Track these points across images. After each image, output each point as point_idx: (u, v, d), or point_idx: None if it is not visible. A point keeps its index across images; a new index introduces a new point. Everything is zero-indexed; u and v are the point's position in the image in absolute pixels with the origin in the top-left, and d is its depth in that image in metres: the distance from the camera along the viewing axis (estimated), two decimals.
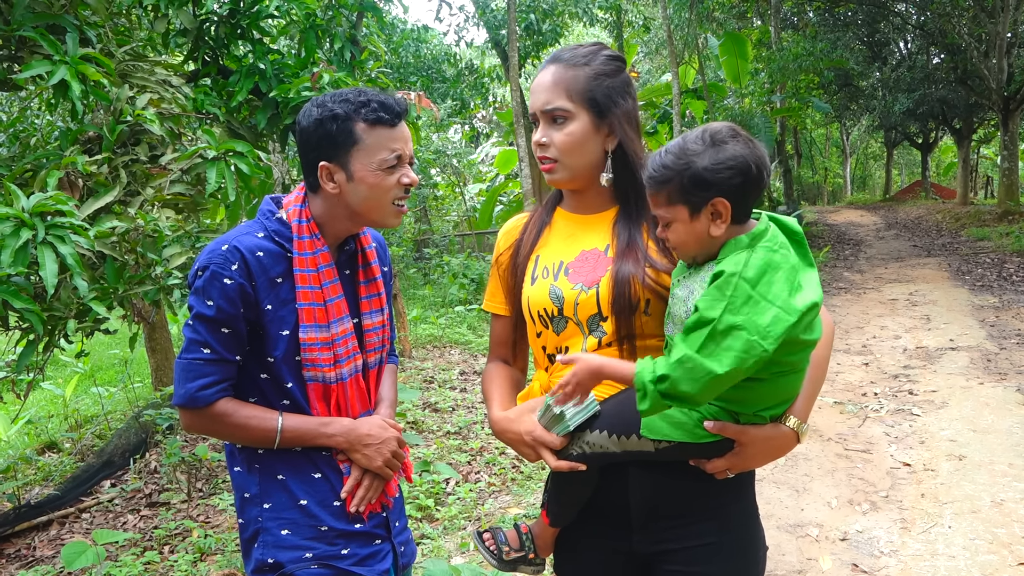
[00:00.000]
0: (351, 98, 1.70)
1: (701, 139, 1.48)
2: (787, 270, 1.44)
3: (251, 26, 4.76)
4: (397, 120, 1.73)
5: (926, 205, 25.01)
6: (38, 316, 2.81)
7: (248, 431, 1.71)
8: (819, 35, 18.47)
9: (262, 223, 1.77)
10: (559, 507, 1.76)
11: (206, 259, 1.68)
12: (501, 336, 1.94)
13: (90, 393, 7.78)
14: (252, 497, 1.77)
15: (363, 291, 1.88)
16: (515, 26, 13.12)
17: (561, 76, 1.68)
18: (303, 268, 1.73)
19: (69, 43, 3.39)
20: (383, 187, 1.73)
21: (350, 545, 1.78)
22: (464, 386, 7.10)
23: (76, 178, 3.39)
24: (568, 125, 1.68)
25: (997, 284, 10.76)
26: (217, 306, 1.66)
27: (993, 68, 16.95)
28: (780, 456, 1.65)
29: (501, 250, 1.92)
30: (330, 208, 1.77)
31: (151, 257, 3.36)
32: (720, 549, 1.68)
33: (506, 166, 20.61)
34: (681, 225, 1.52)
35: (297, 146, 1.76)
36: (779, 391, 1.54)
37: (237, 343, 1.70)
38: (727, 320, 1.38)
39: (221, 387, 1.69)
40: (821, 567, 3.68)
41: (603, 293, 1.67)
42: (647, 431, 1.57)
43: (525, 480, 4.83)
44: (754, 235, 1.47)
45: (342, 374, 1.78)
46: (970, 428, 5.32)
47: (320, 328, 1.73)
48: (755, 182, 1.48)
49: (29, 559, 4.19)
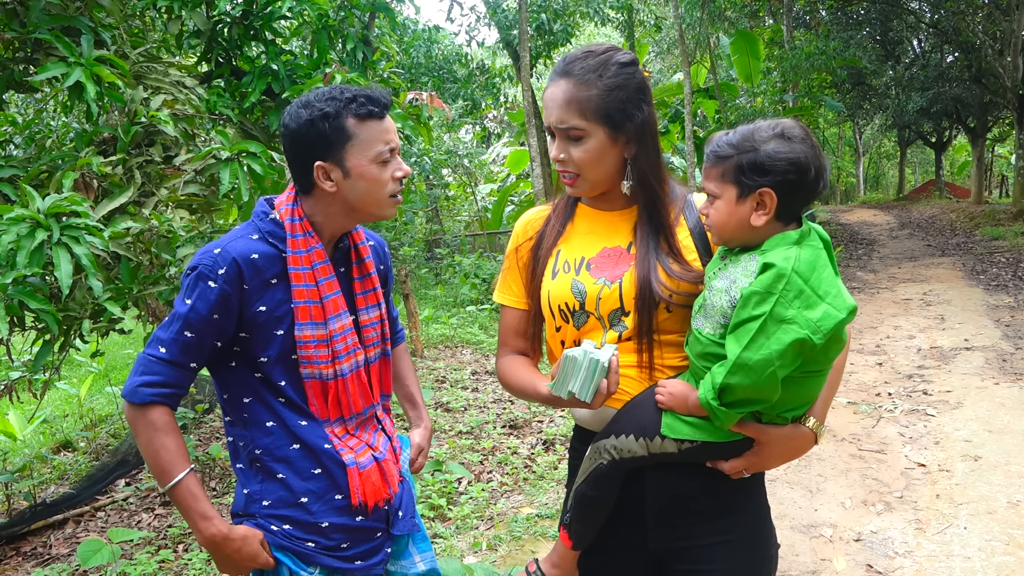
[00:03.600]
0: (337, 95, 1.70)
1: (772, 129, 1.50)
2: (833, 269, 1.48)
3: (264, 27, 4.79)
4: (385, 112, 1.73)
5: (940, 204, 24.84)
6: (53, 316, 2.84)
7: (155, 456, 1.68)
8: (832, 33, 18.37)
9: (256, 224, 1.77)
10: (584, 526, 1.72)
11: (196, 260, 1.70)
12: (518, 328, 1.90)
13: (105, 392, 7.83)
14: (252, 494, 1.80)
15: (358, 287, 1.89)
16: (526, 26, 13.13)
17: (573, 95, 1.63)
18: (297, 266, 1.73)
19: (84, 45, 3.42)
20: (380, 181, 1.73)
21: (349, 539, 1.81)
22: (476, 386, 7.11)
23: (91, 179, 3.42)
24: (585, 143, 1.66)
25: (1012, 284, 10.68)
26: (193, 306, 1.67)
27: (1008, 66, 16.82)
28: (797, 457, 1.67)
29: (520, 241, 1.89)
30: (326, 207, 1.77)
31: (165, 257, 3.38)
32: (732, 547, 1.69)
33: (517, 166, 20.61)
34: (725, 205, 1.53)
35: (285, 150, 1.75)
36: (805, 392, 1.55)
37: (197, 350, 1.70)
38: (779, 314, 1.40)
39: (161, 392, 1.68)
40: (835, 568, 3.66)
41: (627, 288, 1.67)
42: (669, 431, 1.58)
43: (537, 480, 4.83)
44: (802, 233, 1.50)
45: (342, 370, 1.78)
46: (985, 428, 5.28)
47: (316, 325, 1.74)
48: (809, 185, 1.50)
49: (45, 557, 4.23)
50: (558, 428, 5.69)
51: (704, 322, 1.56)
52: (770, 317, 1.41)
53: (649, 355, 1.67)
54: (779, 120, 1.53)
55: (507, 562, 3.79)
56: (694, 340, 1.59)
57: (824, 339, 1.41)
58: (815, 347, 1.41)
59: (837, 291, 1.44)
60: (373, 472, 1.82)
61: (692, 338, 1.60)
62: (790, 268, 1.42)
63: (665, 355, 1.68)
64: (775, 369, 1.41)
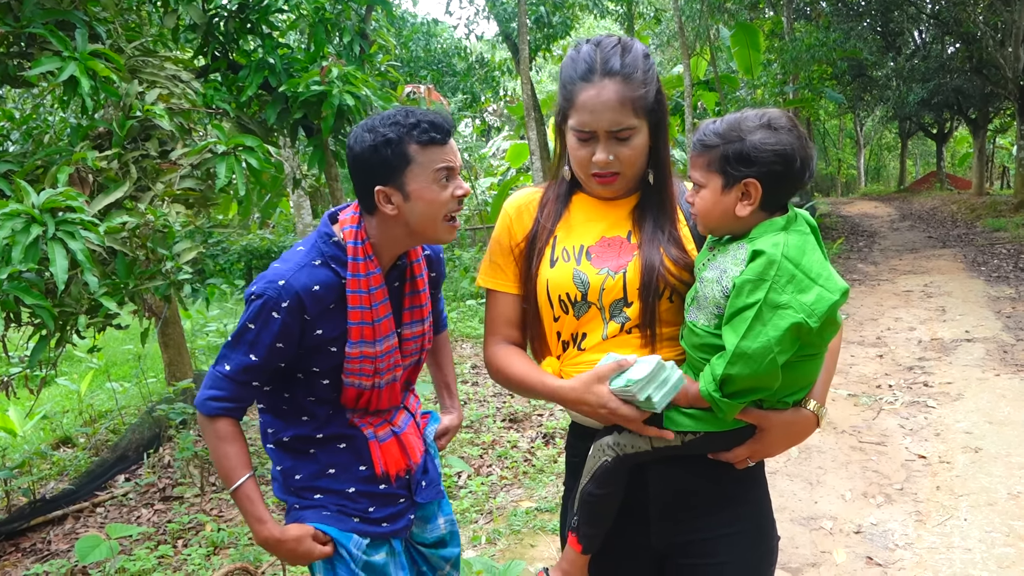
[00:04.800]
0: (401, 120, 1.71)
1: (758, 119, 1.49)
2: (822, 252, 1.48)
3: (260, 21, 4.77)
4: (447, 138, 1.75)
5: (941, 196, 24.78)
6: (49, 312, 2.83)
7: (219, 462, 1.84)
8: (832, 25, 18.28)
9: (319, 248, 1.81)
10: (593, 528, 1.69)
11: (262, 288, 1.75)
12: (510, 316, 1.83)
13: (105, 388, 7.83)
14: (285, 470, 1.93)
15: (407, 303, 1.95)
16: (525, 19, 13.08)
17: (626, 95, 1.59)
18: (356, 289, 1.79)
19: (78, 39, 3.39)
20: (439, 201, 1.75)
21: (374, 504, 1.94)
22: (476, 379, 7.10)
23: (86, 174, 3.40)
24: (632, 140, 1.63)
25: (1014, 275, 10.65)
26: (257, 334, 1.76)
27: (1009, 57, 16.76)
28: (800, 441, 1.65)
29: (513, 225, 1.83)
30: (388, 229, 1.80)
31: (161, 252, 3.37)
32: (736, 539, 1.69)
33: (517, 159, 20.55)
34: (710, 194, 1.53)
35: (350, 171, 1.79)
36: (803, 375, 1.55)
37: (259, 372, 1.80)
38: (773, 300, 1.40)
39: (225, 406, 1.81)
40: (835, 560, 3.66)
41: (631, 278, 1.65)
42: (671, 424, 1.57)
43: (537, 473, 4.82)
44: (788, 219, 1.50)
45: (379, 384, 1.88)
46: (986, 420, 5.27)
47: (366, 344, 1.82)
48: (795, 175, 1.49)
49: (45, 553, 4.22)
50: (558, 422, 5.68)
51: (698, 314, 1.55)
52: (765, 304, 1.40)
53: (652, 346, 1.66)
54: (766, 110, 1.51)
55: (506, 556, 3.78)
56: (689, 333, 1.58)
57: (819, 322, 1.41)
58: (811, 330, 1.41)
59: (828, 273, 1.44)
60: (392, 445, 1.94)
61: (687, 331, 1.60)
62: (779, 254, 1.42)
63: (665, 347, 1.67)
64: (775, 356, 1.41)
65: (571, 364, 1.71)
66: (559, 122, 1.72)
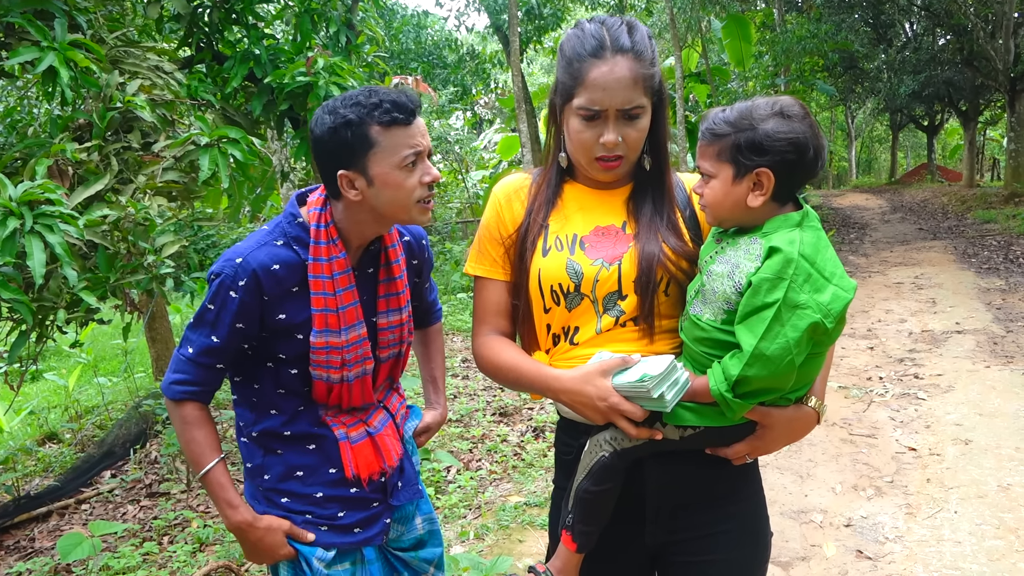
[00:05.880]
0: (363, 100, 1.63)
1: (770, 107, 1.46)
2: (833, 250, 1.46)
3: (245, 11, 4.71)
4: (412, 118, 1.66)
5: (932, 188, 24.86)
6: (27, 307, 2.78)
7: (187, 447, 1.78)
8: (823, 17, 18.25)
9: (283, 228, 1.75)
10: (588, 526, 1.65)
11: (219, 267, 1.70)
12: (500, 305, 1.76)
13: (93, 383, 7.77)
14: (255, 468, 1.86)
15: (382, 290, 1.86)
16: (516, 11, 13.01)
17: (639, 72, 1.55)
18: (317, 274, 1.72)
19: (57, 29, 3.33)
20: (406, 188, 1.67)
21: (344, 508, 1.85)
22: (466, 373, 7.06)
23: (66, 166, 3.34)
24: (639, 121, 1.59)
25: (1004, 267, 10.68)
26: (217, 314, 1.70)
27: (1000, 49, 16.78)
28: (800, 438, 1.63)
29: (503, 211, 1.77)
30: (353, 214, 1.73)
31: (143, 246, 3.32)
32: (732, 536, 1.67)
33: (508, 152, 20.49)
34: (720, 184, 1.49)
35: (312, 155, 1.72)
36: (807, 373, 1.53)
37: (222, 353, 1.74)
38: (792, 299, 1.37)
39: (190, 389, 1.75)
40: (825, 553, 3.64)
41: (626, 270, 1.61)
42: (670, 418, 1.54)
43: (526, 468, 4.79)
44: (803, 215, 1.47)
45: (347, 376, 1.79)
46: (976, 412, 5.27)
47: (331, 333, 1.74)
48: (807, 165, 1.46)
49: (29, 551, 4.18)
50: (548, 415, 5.65)
51: (703, 308, 1.52)
52: (784, 304, 1.37)
53: (649, 340, 1.62)
54: (777, 97, 1.47)
55: (494, 552, 3.75)
56: (691, 326, 1.55)
57: (835, 321, 1.39)
58: (826, 330, 1.39)
59: (841, 272, 1.43)
60: (366, 447, 1.85)
61: (689, 324, 1.56)
62: (796, 252, 1.39)
63: (661, 341, 1.64)
64: (792, 357, 1.39)
65: (562, 359, 1.67)
66: (560, 104, 1.64)
